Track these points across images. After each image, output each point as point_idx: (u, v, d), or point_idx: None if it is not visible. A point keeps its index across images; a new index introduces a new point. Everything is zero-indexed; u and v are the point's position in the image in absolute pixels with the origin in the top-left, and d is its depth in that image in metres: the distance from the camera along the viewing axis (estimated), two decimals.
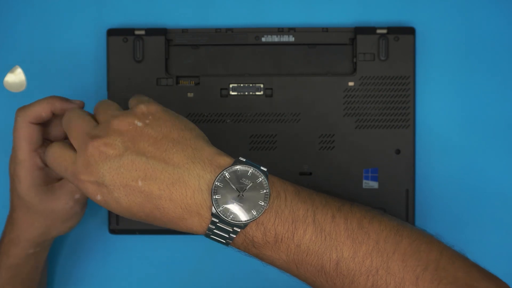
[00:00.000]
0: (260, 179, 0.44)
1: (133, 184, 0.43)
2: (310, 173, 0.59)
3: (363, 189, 0.59)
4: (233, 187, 0.43)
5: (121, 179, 0.43)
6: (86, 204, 0.56)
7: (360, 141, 0.59)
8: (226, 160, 0.45)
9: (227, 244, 0.45)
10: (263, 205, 0.43)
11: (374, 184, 0.59)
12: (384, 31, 0.59)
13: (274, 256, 0.44)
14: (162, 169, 0.43)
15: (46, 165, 0.52)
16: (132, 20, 0.61)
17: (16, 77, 0.62)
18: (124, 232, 0.60)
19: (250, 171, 0.44)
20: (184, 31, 0.60)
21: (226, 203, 0.43)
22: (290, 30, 0.59)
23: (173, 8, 0.61)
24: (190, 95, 0.59)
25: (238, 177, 0.44)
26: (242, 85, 0.59)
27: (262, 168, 0.44)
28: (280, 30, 0.59)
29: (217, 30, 0.59)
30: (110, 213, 0.59)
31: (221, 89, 0.59)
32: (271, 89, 0.59)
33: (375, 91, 0.59)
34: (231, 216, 0.43)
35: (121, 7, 0.61)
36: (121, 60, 0.59)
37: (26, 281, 0.55)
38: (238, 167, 0.44)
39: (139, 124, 0.45)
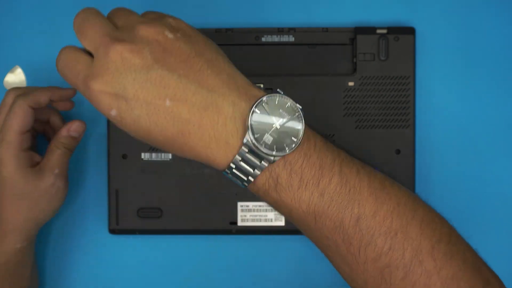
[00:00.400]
0: (297, 114, 0.41)
1: (160, 102, 0.39)
2: None
3: None
4: (270, 116, 0.40)
5: (146, 95, 0.39)
6: (67, 179, 0.55)
7: (360, 141, 0.59)
8: (260, 91, 0.41)
9: (248, 182, 0.41)
10: (295, 141, 0.40)
11: None
12: (384, 31, 0.59)
13: (294, 204, 0.41)
14: (194, 91, 0.39)
15: (29, 147, 0.52)
16: None
17: (16, 77, 0.62)
18: (124, 232, 0.60)
19: (289, 103, 0.41)
20: None
21: (260, 133, 0.40)
22: (290, 30, 0.59)
23: (173, 8, 0.61)
24: None
25: (275, 107, 0.41)
26: None
27: (298, 105, 0.41)
28: (280, 30, 0.59)
29: (217, 30, 0.59)
30: (110, 213, 0.59)
31: None
32: (271, 89, 0.59)
33: (375, 91, 0.59)
34: (263, 146, 0.40)
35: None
36: None
37: (15, 280, 0.55)
38: (277, 96, 0.41)
39: (170, 36, 0.40)
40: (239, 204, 0.59)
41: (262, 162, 0.40)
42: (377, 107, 0.59)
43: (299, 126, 0.41)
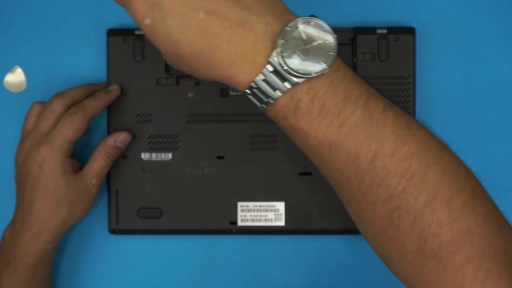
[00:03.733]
0: (330, 40, 0.40)
1: (193, 14, 0.39)
2: (310, 173, 0.59)
3: None
4: (302, 36, 0.40)
5: (181, 5, 0.39)
6: (100, 187, 0.57)
7: None
8: (297, 16, 0.41)
9: (266, 104, 0.41)
10: (324, 66, 0.39)
11: None
12: (384, 31, 0.59)
13: (311, 131, 0.40)
14: (230, 7, 0.39)
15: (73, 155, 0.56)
16: (132, 20, 0.61)
17: (16, 77, 0.62)
18: (124, 232, 0.60)
19: (325, 27, 0.40)
20: None
21: (288, 53, 0.39)
22: None
23: None
24: (190, 95, 0.59)
25: (309, 29, 0.40)
26: None
27: (335, 35, 0.41)
28: None
29: None
30: (110, 213, 0.59)
31: (221, 89, 0.59)
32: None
33: None
34: (289, 66, 0.39)
35: (121, 7, 0.61)
36: (121, 60, 0.59)
37: (42, 279, 0.56)
38: (313, 20, 0.40)
39: None
40: (239, 204, 0.59)
41: (285, 83, 0.40)
42: None
43: (330, 52, 0.40)
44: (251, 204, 0.59)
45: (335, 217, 0.59)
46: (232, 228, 0.59)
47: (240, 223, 0.59)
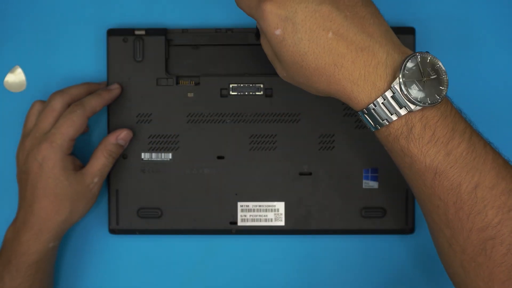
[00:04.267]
0: (443, 76, 0.44)
1: (323, 33, 0.43)
2: (310, 173, 0.59)
3: (363, 189, 0.59)
4: (421, 69, 0.43)
5: (312, 23, 0.43)
6: (101, 186, 0.58)
7: (360, 141, 0.59)
8: (411, 51, 0.45)
9: (381, 125, 0.44)
10: (438, 98, 0.43)
11: (374, 184, 0.59)
12: None
13: (419, 156, 0.43)
14: (356, 32, 0.43)
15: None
16: (132, 20, 0.61)
17: (16, 77, 0.62)
18: (124, 232, 0.60)
19: (439, 64, 0.44)
20: (184, 31, 0.60)
21: (408, 82, 0.43)
22: None
23: (173, 8, 0.61)
24: (190, 95, 0.59)
25: (426, 64, 0.43)
26: (242, 85, 0.59)
27: (445, 72, 0.44)
28: None
29: (217, 30, 0.59)
30: (110, 213, 0.59)
31: (221, 89, 0.59)
32: (271, 89, 0.59)
33: None
34: (408, 93, 0.42)
35: (121, 7, 0.61)
36: (121, 60, 0.59)
37: (43, 278, 0.56)
38: (429, 56, 0.44)
39: None
40: (239, 204, 0.59)
41: (402, 109, 0.43)
42: None
43: (443, 87, 0.44)
44: (251, 204, 0.59)
45: (335, 217, 0.59)
46: (232, 228, 0.59)
47: (240, 223, 0.59)
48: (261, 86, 0.59)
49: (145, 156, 0.59)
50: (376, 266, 0.61)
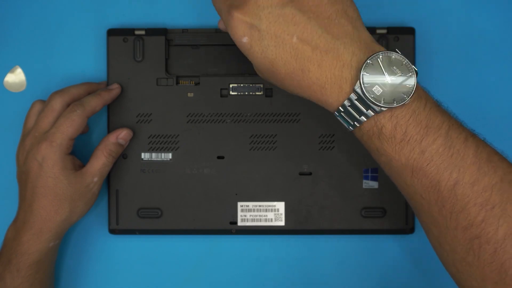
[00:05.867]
0: (410, 73, 0.43)
1: (287, 37, 0.43)
2: (310, 173, 0.59)
3: (363, 189, 0.59)
4: (383, 70, 0.42)
5: (277, 29, 0.43)
6: (101, 185, 0.58)
7: None
8: (381, 48, 0.44)
9: (353, 126, 0.44)
10: (405, 98, 0.42)
11: (374, 184, 0.59)
12: (384, 31, 0.59)
13: (393, 155, 0.43)
14: (320, 34, 0.43)
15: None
16: (132, 20, 0.61)
17: (16, 77, 0.62)
18: (124, 232, 0.60)
19: (404, 62, 0.43)
20: (184, 31, 0.60)
21: (369, 84, 0.42)
22: None
23: (173, 8, 0.61)
24: (190, 95, 0.59)
25: (390, 63, 0.43)
26: (242, 85, 0.59)
27: (414, 67, 0.43)
28: None
29: (217, 30, 0.59)
30: (110, 213, 0.59)
31: (221, 89, 0.59)
32: (271, 89, 0.59)
33: None
34: (371, 96, 0.42)
35: (121, 7, 0.61)
36: (121, 60, 0.59)
37: (44, 277, 0.56)
38: (394, 54, 0.43)
39: None
40: (239, 204, 0.59)
41: (369, 110, 0.42)
42: None
43: (410, 84, 0.42)
44: (251, 204, 0.59)
45: (335, 217, 0.59)
46: (232, 228, 0.59)
47: (240, 223, 0.59)
48: (261, 86, 0.59)
49: (145, 156, 0.59)
50: (376, 266, 0.61)
